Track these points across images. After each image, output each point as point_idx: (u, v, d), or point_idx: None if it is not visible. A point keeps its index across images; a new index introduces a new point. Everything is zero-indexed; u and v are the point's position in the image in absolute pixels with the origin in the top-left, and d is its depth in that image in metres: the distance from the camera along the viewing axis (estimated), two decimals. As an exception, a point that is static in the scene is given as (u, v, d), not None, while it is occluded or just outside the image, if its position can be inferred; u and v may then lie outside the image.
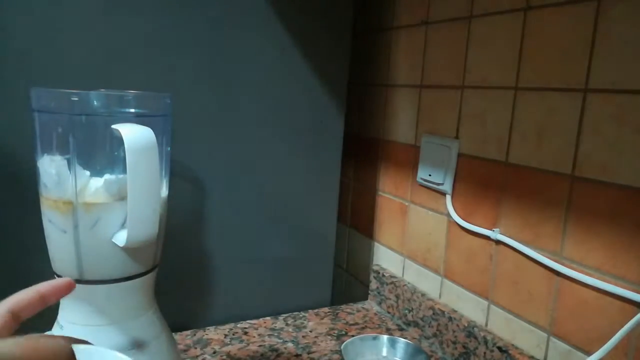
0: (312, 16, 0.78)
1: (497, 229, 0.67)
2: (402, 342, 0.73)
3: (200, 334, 0.76)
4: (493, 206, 0.67)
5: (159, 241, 0.50)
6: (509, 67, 0.64)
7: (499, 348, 0.65)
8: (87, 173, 0.46)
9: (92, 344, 0.27)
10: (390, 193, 0.90)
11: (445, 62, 0.75)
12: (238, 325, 0.80)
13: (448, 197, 0.75)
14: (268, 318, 0.83)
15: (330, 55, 0.81)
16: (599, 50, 0.53)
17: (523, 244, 0.63)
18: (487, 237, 0.68)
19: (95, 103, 0.46)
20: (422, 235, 0.82)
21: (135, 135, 0.43)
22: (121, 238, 0.45)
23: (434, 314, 0.76)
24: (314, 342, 0.76)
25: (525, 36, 0.62)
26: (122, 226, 0.46)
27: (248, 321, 0.82)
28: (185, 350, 0.71)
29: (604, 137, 0.53)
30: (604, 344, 0.52)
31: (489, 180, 0.68)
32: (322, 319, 0.84)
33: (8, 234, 0.64)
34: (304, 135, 0.82)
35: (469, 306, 0.72)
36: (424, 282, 0.82)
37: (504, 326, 0.67)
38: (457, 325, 0.71)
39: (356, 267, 1.03)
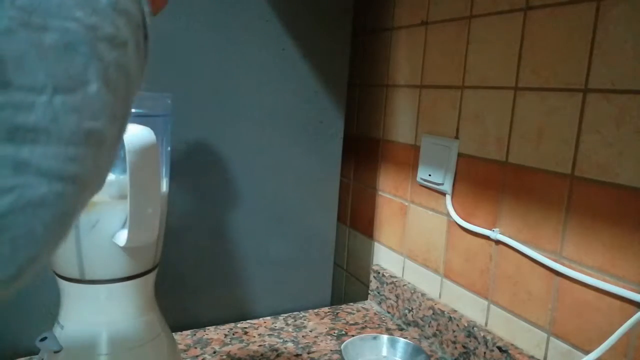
0: (312, 16, 0.78)
1: (497, 229, 0.67)
2: (402, 342, 0.73)
3: (200, 334, 0.76)
4: (493, 206, 0.68)
5: (159, 241, 0.50)
6: (509, 67, 0.64)
7: (499, 348, 0.65)
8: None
9: None
10: (390, 193, 0.90)
11: (445, 62, 0.75)
12: (238, 325, 0.80)
13: (448, 197, 0.75)
14: (268, 318, 0.83)
15: (330, 55, 0.81)
16: (599, 50, 0.53)
17: (523, 244, 0.63)
18: (487, 237, 0.68)
19: (95, 103, 0.46)
20: (422, 235, 0.82)
21: (135, 136, 0.43)
22: (121, 238, 0.45)
23: (433, 313, 0.76)
24: (314, 342, 0.76)
25: (525, 36, 0.62)
26: (123, 226, 0.46)
27: (248, 321, 0.82)
28: (185, 350, 0.71)
29: (604, 137, 0.53)
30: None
31: (489, 180, 0.68)
32: (322, 319, 0.84)
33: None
34: (304, 135, 0.82)
35: (468, 306, 0.72)
36: (424, 282, 0.82)
37: (503, 326, 0.67)
38: (457, 325, 0.71)
39: (356, 267, 1.03)
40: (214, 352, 0.71)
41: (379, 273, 0.90)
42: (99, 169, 0.20)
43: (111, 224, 0.46)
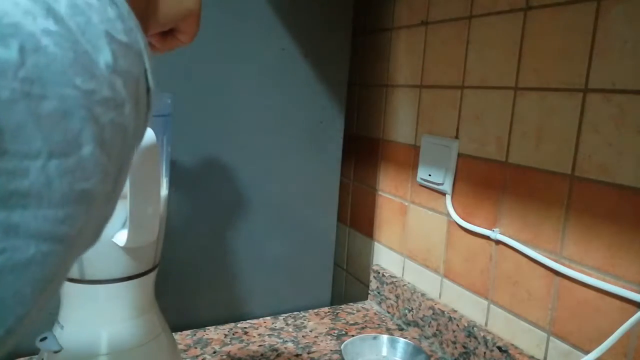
0: (312, 16, 0.78)
1: (497, 229, 0.67)
2: (402, 342, 0.73)
3: (200, 334, 0.76)
4: (493, 206, 0.68)
5: (159, 241, 0.50)
6: (509, 67, 0.64)
7: (499, 348, 0.65)
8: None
9: None
10: (390, 193, 0.90)
11: (445, 62, 0.75)
12: (238, 325, 0.80)
13: (448, 197, 0.75)
14: (268, 318, 0.83)
15: (330, 55, 0.81)
16: (599, 50, 0.53)
17: (523, 244, 0.63)
18: (487, 237, 0.68)
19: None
20: (422, 235, 0.82)
21: (135, 135, 0.42)
22: (121, 238, 0.45)
23: (433, 313, 0.76)
24: (314, 342, 0.76)
25: (525, 36, 0.62)
26: (123, 226, 0.46)
27: (248, 321, 0.82)
28: (185, 350, 0.71)
29: (604, 137, 0.53)
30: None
31: (489, 180, 0.68)
32: (322, 319, 0.84)
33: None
34: (304, 135, 0.82)
35: (468, 306, 0.72)
36: (424, 282, 0.82)
37: (503, 326, 0.67)
38: (457, 325, 0.71)
39: (356, 267, 1.03)
40: (214, 352, 0.71)
41: (379, 273, 0.90)
42: (90, 226, 0.20)
43: (111, 224, 0.46)
